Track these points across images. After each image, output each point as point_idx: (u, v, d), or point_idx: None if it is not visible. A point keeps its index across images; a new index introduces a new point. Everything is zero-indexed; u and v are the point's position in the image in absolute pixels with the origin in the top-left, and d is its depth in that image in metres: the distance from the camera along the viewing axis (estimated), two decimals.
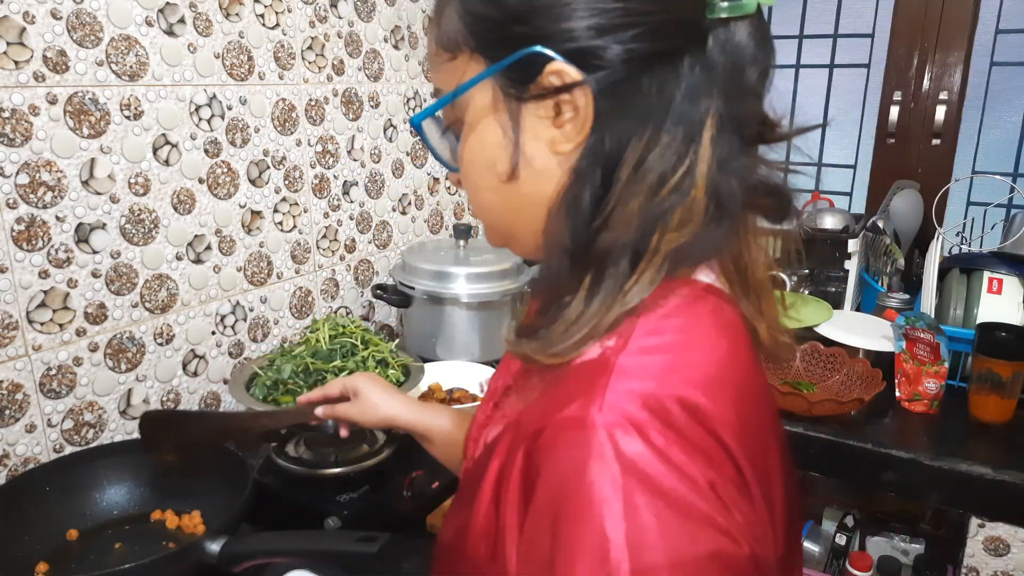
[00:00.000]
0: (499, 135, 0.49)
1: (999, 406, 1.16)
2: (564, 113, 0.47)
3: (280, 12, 1.26)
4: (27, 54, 0.93)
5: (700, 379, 0.44)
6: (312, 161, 1.37)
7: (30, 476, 0.95)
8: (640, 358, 0.44)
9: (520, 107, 0.48)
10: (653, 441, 0.40)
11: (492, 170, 0.51)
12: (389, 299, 1.45)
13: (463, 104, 0.51)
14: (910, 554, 1.41)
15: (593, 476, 0.39)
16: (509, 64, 0.47)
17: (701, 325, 0.47)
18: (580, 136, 0.47)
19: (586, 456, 0.40)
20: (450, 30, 0.50)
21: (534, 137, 0.48)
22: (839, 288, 1.53)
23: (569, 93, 0.46)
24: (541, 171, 0.49)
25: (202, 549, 0.80)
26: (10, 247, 0.95)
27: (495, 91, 0.49)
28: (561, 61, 0.45)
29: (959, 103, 1.71)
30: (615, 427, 0.40)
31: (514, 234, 0.55)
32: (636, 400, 0.41)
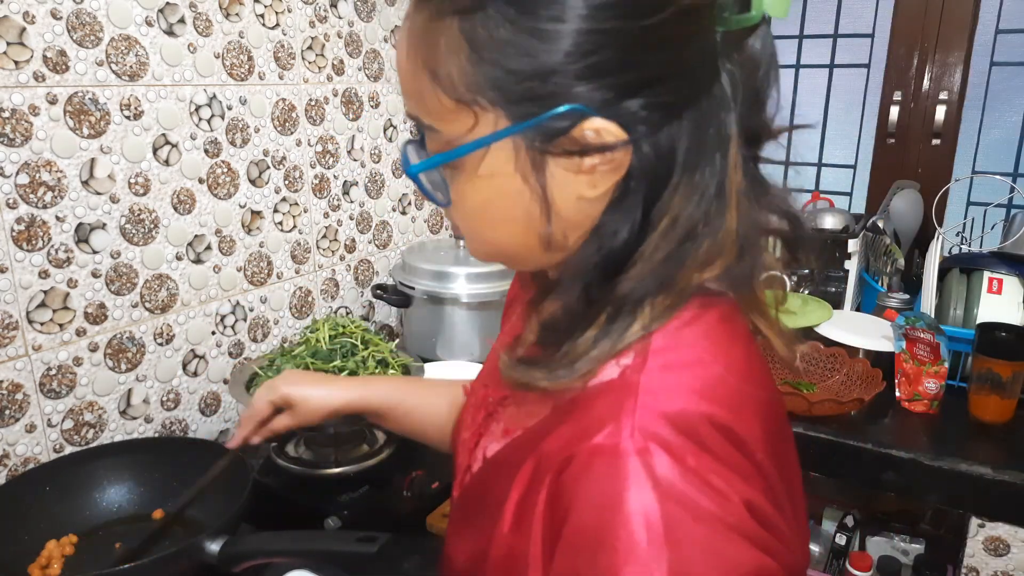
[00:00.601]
0: (522, 186, 0.46)
1: (999, 406, 1.16)
2: (598, 166, 0.44)
3: (280, 12, 1.26)
4: (27, 54, 0.93)
5: (725, 394, 0.44)
6: (312, 161, 1.37)
7: (30, 476, 0.95)
8: (662, 376, 0.43)
9: (546, 159, 0.45)
10: (688, 464, 0.39)
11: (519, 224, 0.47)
12: (389, 299, 1.45)
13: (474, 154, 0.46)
14: (910, 554, 1.41)
15: (632, 506, 0.38)
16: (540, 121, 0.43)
17: (716, 335, 0.47)
18: (611, 182, 0.45)
19: (622, 485, 0.39)
20: (459, 77, 0.44)
21: (560, 186, 0.45)
22: (839, 288, 1.53)
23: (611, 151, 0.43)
24: (570, 220, 0.47)
25: (202, 549, 0.80)
26: (10, 247, 0.95)
27: (517, 142, 0.45)
28: (599, 118, 0.42)
29: (959, 103, 1.71)
30: (649, 453, 0.39)
31: (513, 260, 0.53)
32: (666, 422, 0.41)
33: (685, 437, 0.40)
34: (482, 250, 0.53)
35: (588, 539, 0.40)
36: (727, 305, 0.49)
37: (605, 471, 0.40)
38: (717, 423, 0.41)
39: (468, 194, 0.48)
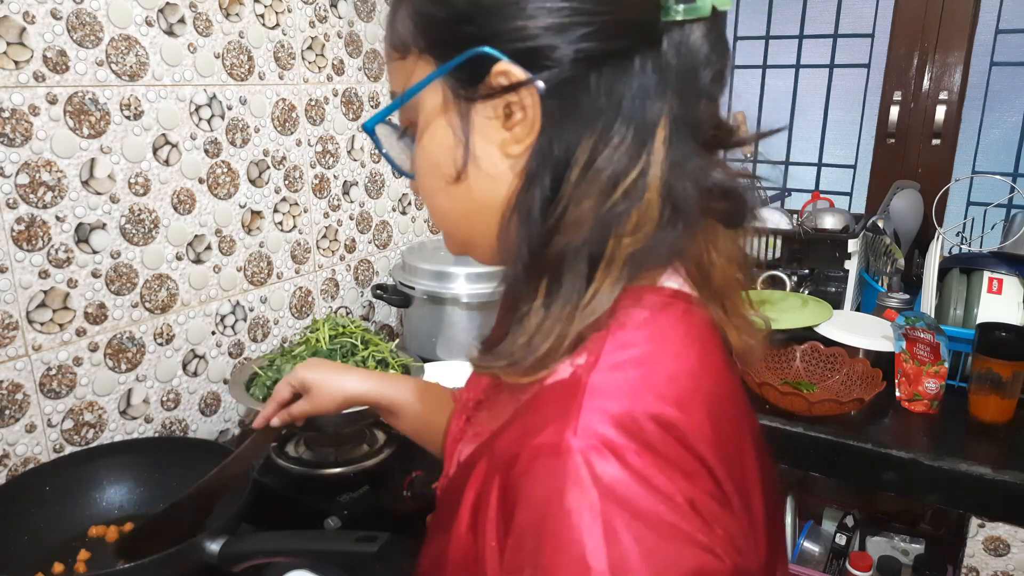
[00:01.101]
0: (450, 137, 0.49)
1: (999, 406, 1.15)
2: (515, 115, 0.46)
3: (280, 12, 1.26)
4: (27, 54, 0.93)
5: (673, 393, 0.43)
6: (312, 161, 1.37)
7: (30, 476, 0.95)
8: (611, 375, 0.43)
9: (470, 108, 0.47)
10: (630, 463, 0.39)
11: (441, 172, 0.50)
12: (389, 299, 1.45)
13: (414, 106, 0.50)
14: (910, 554, 1.41)
15: (571, 503, 0.38)
16: (457, 65, 0.46)
17: (671, 334, 0.47)
18: (530, 138, 0.46)
19: (563, 483, 0.39)
20: (401, 31, 0.49)
21: (484, 139, 0.48)
22: (839, 288, 1.53)
23: (516, 93, 0.45)
24: (492, 174, 0.48)
25: (202, 549, 0.80)
26: (10, 247, 0.95)
27: (445, 92, 0.48)
28: (507, 61, 0.45)
29: (959, 103, 1.71)
30: (591, 451, 0.39)
31: (471, 241, 0.54)
32: (610, 421, 0.41)
33: (629, 437, 0.40)
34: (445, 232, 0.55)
35: (531, 536, 0.40)
36: (688, 302, 0.49)
37: (547, 470, 0.40)
38: (663, 421, 0.41)
39: (418, 157, 0.52)
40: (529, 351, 0.45)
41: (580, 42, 0.44)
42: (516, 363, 0.46)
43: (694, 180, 0.46)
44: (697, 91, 0.46)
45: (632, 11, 0.44)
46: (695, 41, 0.45)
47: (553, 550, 0.39)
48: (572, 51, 0.44)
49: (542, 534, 0.39)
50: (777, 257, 1.55)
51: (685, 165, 0.46)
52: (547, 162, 0.46)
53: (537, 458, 0.41)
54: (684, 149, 0.46)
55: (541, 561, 0.39)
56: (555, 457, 0.40)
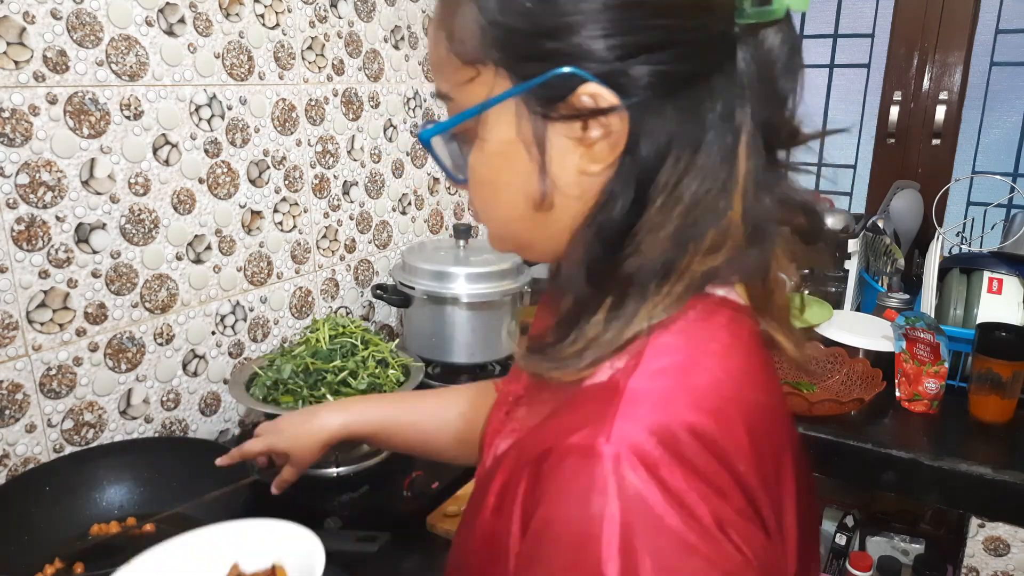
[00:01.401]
0: (523, 155, 0.47)
1: (999, 406, 1.16)
2: (591, 131, 0.45)
3: (280, 12, 1.26)
4: (27, 54, 0.93)
5: (712, 403, 0.42)
6: (312, 161, 1.37)
7: (30, 476, 0.95)
8: (651, 381, 0.43)
9: (546, 125, 0.46)
10: (660, 476, 0.39)
11: (518, 192, 0.48)
12: (389, 299, 1.45)
13: (480, 118, 0.48)
14: (910, 554, 1.41)
15: (594, 509, 0.38)
16: (540, 83, 0.44)
17: (714, 342, 0.46)
18: (611, 157, 0.45)
19: (590, 487, 0.39)
20: (469, 39, 0.46)
21: (560, 157, 0.46)
22: (839, 288, 1.54)
23: (604, 116, 0.44)
24: (566, 192, 0.47)
25: None
26: (10, 247, 0.95)
27: (519, 108, 0.46)
28: (596, 83, 0.43)
29: (959, 103, 1.71)
30: (621, 460, 0.39)
31: (528, 245, 0.53)
32: (645, 430, 0.40)
33: (664, 448, 0.39)
34: (497, 235, 0.54)
35: (550, 533, 0.40)
36: (735, 309, 0.48)
37: (576, 471, 0.40)
38: (700, 434, 0.40)
39: (477, 166, 0.50)
40: (581, 359, 0.45)
41: (667, 63, 0.43)
42: (564, 368, 0.45)
43: (774, 197, 0.46)
44: (775, 99, 0.46)
45: (712, 24, 0.43)
46: (771, 47, 0.45)
47: (569, 551, 0.39)
48: (659, 71, 0.43)
49: (561, 533, 0.39)
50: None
51: (765, 179, 0.45)
52: (630, 183, 0.45)
53: (568, 457, 0.41)
54: (762, 162, 0.45)
55: (555, 559, 0.39)
56: (586, 459, 0.40)
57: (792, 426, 0.53)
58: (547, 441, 0.43)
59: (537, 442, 0.44)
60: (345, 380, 1.10)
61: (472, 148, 0.49)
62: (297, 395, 1.08)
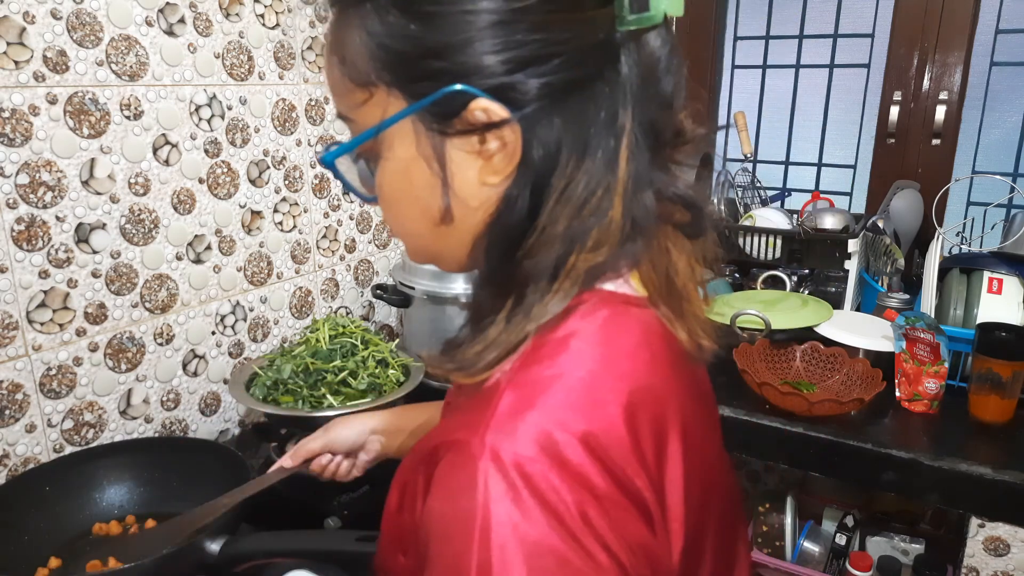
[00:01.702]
0: (425, 172, 0.48)
1: (999, 406, 1.15)
2: (489, 143, 0.46)
3: (280, 12, 1.26)
4: (27, 54, 0.93)
5: (584, 397, 0.44)
6: (312, 161, 1.37)
7: (30, 476, 0.95)
8: (527, 381, 0.44)
9: (444, 141, 0.47)
10: (527, 473, 0.40)
11: (423, 208, 0.50)
12: (389, 299, 1.45)
13: (380, 137, 0.49)
14: (910, 554, 1.41)
15: (462, 504, 0.40)
16: (432, 101, 0.45)
17: (594, 336, 0.47)
18: (509, 167, 0.47)
19: (462, 483, 0.41)
20: (360, 63, 0.47)
21: (461, 171, 0.48)
22: (839, 288, 1.53)
23: (498, 129, 0.45)
24: (471, 205, 0.49)
25: (202, 549, 0.80)
26: (10, 247, 0.95)
27: (416, 126, 0.47)
28: (486, 98, 0.44)
29: (959, 103, 1.71)
30: (492, 458, 0.40)
31: (440, 255, 0.54)
32: (518, 430, 0.41)
33: (535, 445, 0.41)
34: (411, 248, 0.55)
35: (427, 524, 0.43)
36: (622, 301, 0.49)
37: (452, 466, 0.42)
38: (569, 428, 0.42)
39: (383, 184, 0.51)
40: (480, 359, 0.47)
41: (551, 74, 0.44)
42: (464, 368, 0.47)
43: (655, 192, 0.48)
44: (657, 99, 0.47)
45: (594, 33, 0.45)
46: (652, 51, 0.46)
47: (439, 541, 0.41)
48: (544, 83, 0.44)
49: (434, 525, 0.42)
50: (777, 257, 1.55)
51: (646, 178, 0.47)
52: (525, 190, 0.47)
53: (448, 453, 0.43)
54: (643, 161, 0.47)
55: (430, 548, 0.42)
56: (460, 456, 0.42)
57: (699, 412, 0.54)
58: (436, 438, 0.46)
59: (429, 439, 0.47)
60: (345, 380, 1.10)
61: (378, 167, 0.51)
62: (297, 395, 1.08)
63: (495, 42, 0.44)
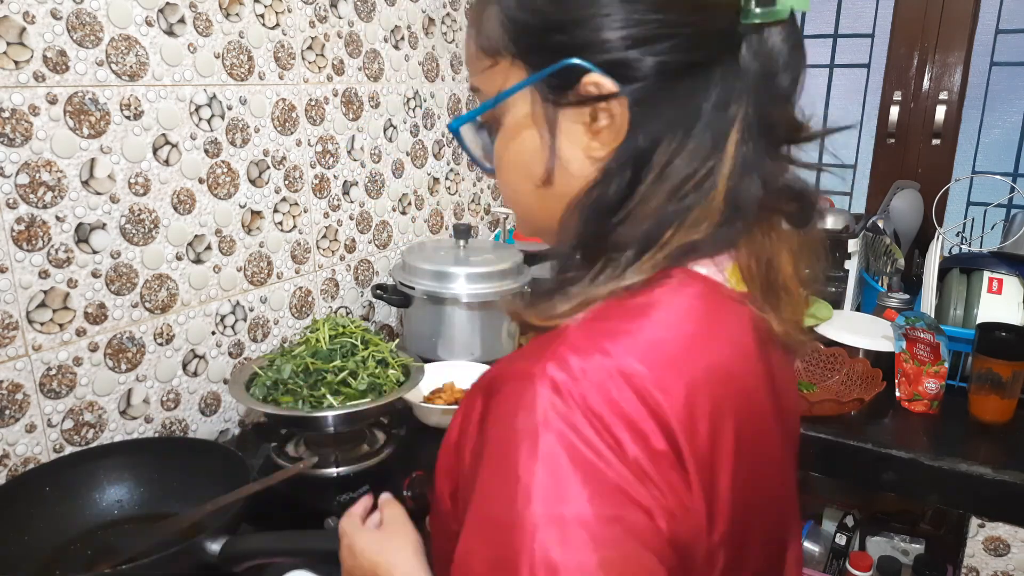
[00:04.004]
0: (536, 140, 0.51)
1: (999, 406, 1.16)
2: (600, 120, 0.49)
3: (280, 12, 1.26)
4: (27, 54, 0.93)
5: (649, 353, 0.45)
6: (312, 161, 1.37)
7: (30, 476, 0.95)
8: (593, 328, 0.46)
9: (557, 112, 0.50)
10: (582, 401, 0.42)
11: (530, 174, 0.53)
12: (389, 299, 1.45)
13: (502, 107, 0.52)
14: (910, 554, 1.41)
15: (519, 424, 0.42)
16: (549, 73, 0.49)
17: (671, 308, 0.48)
18: (615, 142, 0.49)
19: (518, 406, 0.43)
20: (491, 35, 0.51)
21: (570, 142, 0.50)
22: (839, 288, 1.53)
23: (606, 102, 0.48)
24: (576, 175, 0.51)
25: (202, 549, 0.80)
26: (10, 247, 0.95)
27: (534, 96, 0.51)
28: (598, 73, 0.47)
29: (959, 103, 1.71)
30: (551, 385, 0.42)
31: (548, 228, 0.56)
32: (578, 364, 0.43)
33: (589, 381, 0.43)
34: (520, 217, 0.58)
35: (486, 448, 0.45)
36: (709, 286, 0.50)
37: (511, 392, 0.44)
38: (627, 374, 0.43)
39: (501, 153, 0.55)
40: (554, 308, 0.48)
41: (666, 54, 0.46)
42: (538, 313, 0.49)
43: (763, 181, 0.49)
44: (775, 94, 0.49)
45: (714, 21, 0.47)
46: (774, 45, 0.48)
47: (494, 461, 0.43)
48: (658, 62, 0.46)
49: (491, 446, 0.44)
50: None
51: (755, 166, 0.49)
52: (627, 163, 0.49)
53: (508, 381, 0.45)
54: (756, 150, 0.49)
55: (483, 471, 0.44)
56: (519, 382, 0.44)
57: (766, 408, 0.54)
58: (496, 369, 0.48)
59: (489, 375, 0.49)
60: (345, 380, 1.10)
61: (498, 137, 0.54)
62: (297, 395, 1.08)
63: (614, 19, 0.46)
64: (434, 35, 1.64)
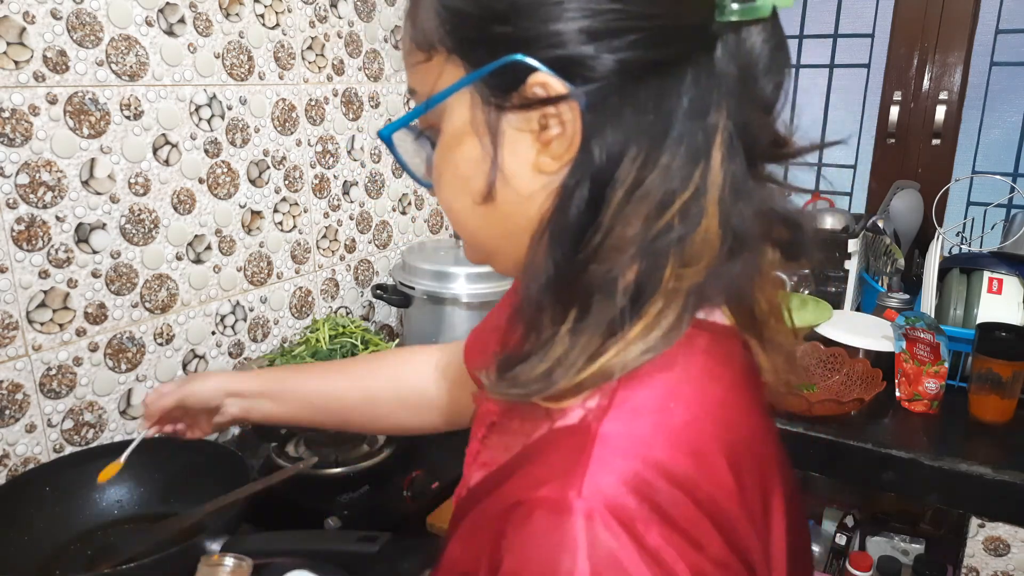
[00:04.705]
0: (477, 149, 0.44)
1: (999, 406, 1.15)
2: (550, 128, 0.42)
3: (280, 12, 1.26)
4: (27, 54, 0.93)
5: (691, 443, 0.40)
6: (312, 161, 1.37)
7: (30, 476, 0.95)
8: (625, 424, 0.39)
9: (500, 117, 0.43)
10: (637, 532, 0.36)
11: (468, 189, 0.45)
12: (389, 299, 1.45)
13: (439, 110, 0.45)
14: (910, 554, 1.41)
15: (563, 568, 0.35)
16: (489, 71, 0.42)
17: (690, 371, 0.42)
18: (568, 155, 0.42)
19: (559, 545, 0.36)
20: (426, 27, 0.44)
21: (515, 153, 0.43)
22: (839, 288, 1.53)
23: (555, 106, 0.41)
24: (523, 192, 0.44)
25: (202, 549, 0.80)
26: (10, 247, 0.95)
27: (473, 98, 0.43)
28: (546, 71, 0.40)
29: (959, 103, 1.71)
30: (594, 516, 0.36)
31: (494, 253, 0.50)
32: (620, 482, 0.37)
33: (639, 501, 0.36)
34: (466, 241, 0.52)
35: None
36: (715, 331, 0.45)
37: (544, 526, 0.37)
38: (679, 480, 0.38)
39: (439, 164, 0.48)
40: (549, 383, 0.41)
41: (627, 50, 0.39)
42: (533, 393, 0.42)
43: (753, 206, 0.42)
44: (755, 102, 0.42)
45: (684, 14, 0.40)
46: (753, 46, 0.41)
47: None
48: (617, 60, 0.39)
49: None
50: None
51: (743, 187, 0.42)
52: (585, 181, 0.41)
53: (536, 510, 0.38)
54: (740, 168, 0.42)
55: None
56: (555, 515, 0.37)
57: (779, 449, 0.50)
58: (516, 493, 0.40)
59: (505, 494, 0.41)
60: None
61: (437, 148, 0.47)
62: None
63: (566, 8, 0.39)
64: None
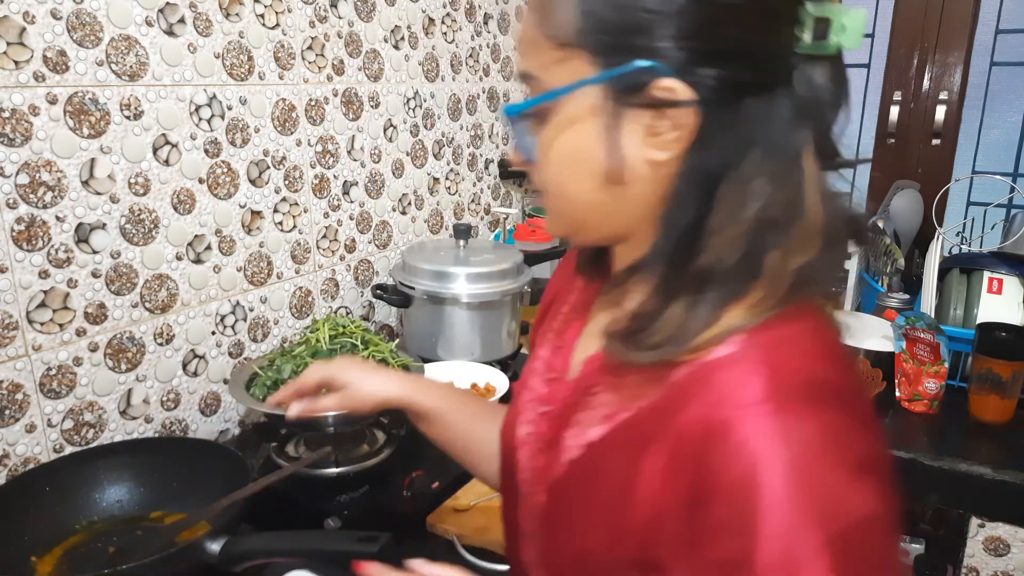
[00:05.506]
0: (596, 137, 0.50)
1: (999, 406, 1.16)
2: (662, 124, 0.48)
3: (280, 12, 1.26)
4: (27, 54, 0.93)
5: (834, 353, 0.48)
6: (312, 161, 1.37)
7: (30, 476, 0.95)
8: (775, 346, 0.47)
9: (621, 112, 0.49)
10: (825, 418, 0.44)
11: (588, 170, 0.51)
12: (389, 299, 1.45)
13: (562, 98, 0.51)
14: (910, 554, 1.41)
15: (774, 460, 0.42)
16: (623, 73, 0.48)
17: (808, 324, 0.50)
18: (676, 149, 0.49)
19: (764, 444, 0.42)
20: (564, 24, 0.49)
21: (630, 144, 0.50)
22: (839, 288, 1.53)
23: (673, 109, 0.47)
24: (631, 177, 0.51)
25: (202, 549, 0.80)
26: (10, 247, 0.95)
27: (600, 92, 0.49)
28: (672, 78, 0.47)
29: (959, 103, 1.71)
30: (787, 410, 0.43)
31: (586, 227, 0.56)
32: (799, 379, 0.45)
33: (819, 393, 0.45)
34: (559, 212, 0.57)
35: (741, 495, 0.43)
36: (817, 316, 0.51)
37: (746, 434, 0.43)
38: (837, 385, 0.46)
39: (554, 145, 0.53)
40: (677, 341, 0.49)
41: (738, 69, 0.47)
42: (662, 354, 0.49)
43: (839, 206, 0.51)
44: (823, 123, 0.50)
45: (779, 45, 0.48)
46: (820, 77, 0.49)
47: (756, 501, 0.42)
48: (730, 75, 0.47)
49: (748, 490, 0.42)
50: None
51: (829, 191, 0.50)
52: (698, 181, 0.49)
53: (736, 423, 0.44)
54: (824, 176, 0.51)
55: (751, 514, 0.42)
56: (753, 420, 0.43)
57: None
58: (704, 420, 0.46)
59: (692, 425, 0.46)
60: None
61: (544, 127, 0.52)
62: None
63: (691, 29, 0.46)
64: (434, 35, 1.64)
